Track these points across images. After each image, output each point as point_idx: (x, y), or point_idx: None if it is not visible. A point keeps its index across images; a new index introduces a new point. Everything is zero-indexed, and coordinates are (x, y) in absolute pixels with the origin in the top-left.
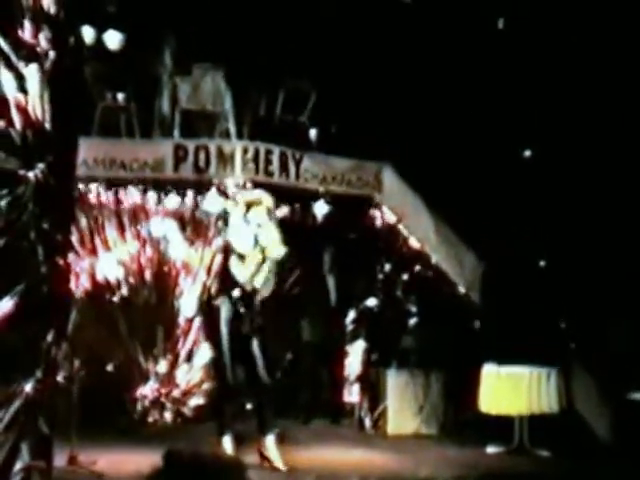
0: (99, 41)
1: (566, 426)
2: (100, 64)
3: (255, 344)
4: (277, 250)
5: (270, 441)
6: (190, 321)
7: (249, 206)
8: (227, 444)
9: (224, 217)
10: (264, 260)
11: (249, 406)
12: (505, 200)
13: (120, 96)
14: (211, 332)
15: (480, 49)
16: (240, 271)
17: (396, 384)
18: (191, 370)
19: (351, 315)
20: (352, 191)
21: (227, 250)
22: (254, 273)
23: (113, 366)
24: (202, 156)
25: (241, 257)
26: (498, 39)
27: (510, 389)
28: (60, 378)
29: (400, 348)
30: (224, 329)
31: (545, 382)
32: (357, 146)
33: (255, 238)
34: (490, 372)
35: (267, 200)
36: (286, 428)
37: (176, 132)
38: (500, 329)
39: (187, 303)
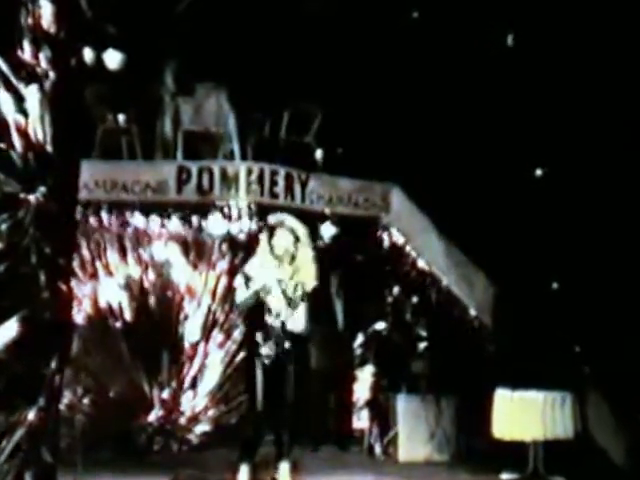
0: (100, 62)
1: (581, 451)
2: (101, 85)
3: (288, 367)
4: (309, 279)
5: (285, 469)
6: (195, 346)
7: (271, 229)
8: (244, 474)
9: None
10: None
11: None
12: (517, 220)
13: (121, 118)
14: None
15: (490, 66)
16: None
17: (407, 409)
18: (196, 396)
19: (359, 339)
20: (359, 212)
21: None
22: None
23: (116, 393)
24: (205, 178)
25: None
26: (508, 56)
27: (524, 414)
28: (63, 406)
29: (410, 373)
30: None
31: (560, 407)
32: (364, 167)
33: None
34: (503, 397)
35: (291, 222)
36: (294, 456)
37: (179, 154)
38: (513, 353)
39: (191, 328)
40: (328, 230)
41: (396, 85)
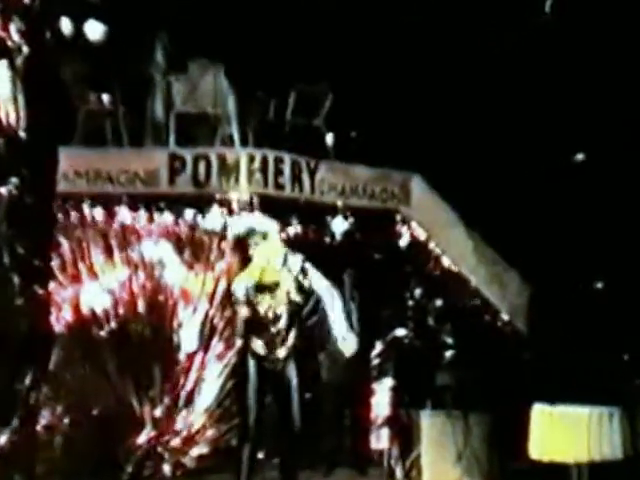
0: (80, 34)
1: (632, 474)
2: (82, 61)
3: (291, 376)
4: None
5: None
6: (191, 357)
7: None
8: None
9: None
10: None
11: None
12: (555, 211)
13: (106, 98)
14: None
15: (524, 43)
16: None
17: (431, 428)
18: (193, 414)
19: (377, 348)
20: (376, 205)
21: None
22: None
23: (101, 411)
24: (202, 167)
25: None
26: (544, 34)
27: (565, 432)
28: (40, 427)
29: (435, 386)
30: (251, 357)
31: (607, 424)
32: (381, 153)
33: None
34: (542, 413)
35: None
36: None
37: (171, 139)
38: (552, 362)
39: (187, 336)
40: (340, 225)
41: (416, 61)
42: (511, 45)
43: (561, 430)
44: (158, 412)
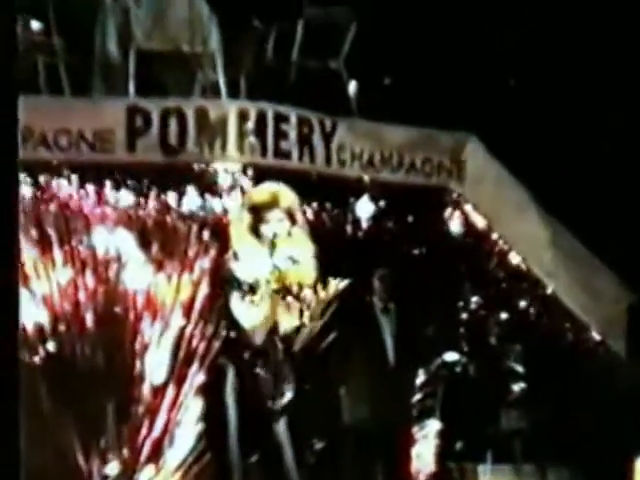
0: None
1: None
2: None
3: (281, 427)
4: (307, 275)
5: None
6: (160, 392)
7: (258, 210)
8: None
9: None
10: (285, 293)
11: None
12: None
13: (36, 25)
14: (209, 411)
15: None
16: (247, 314)
17: None
18: (161, 473)
19: (419, 378)
20: (416, 180)
21: (226, 281)
22: (269, 315)
23: (33, 468)
24: (173, 126)
25: (250, 291)
26: None
27: None
28: None
29: (499, 430)
30: (230, 406)
31: None
32: (423, 108)
33: (271, 260)
34: None
35: (286, 198)
36: None
37: (131, 88)
38: None
39: (155, 363)
40: (367, 208)
41: None
42: None
43: None
44: (112, 470)
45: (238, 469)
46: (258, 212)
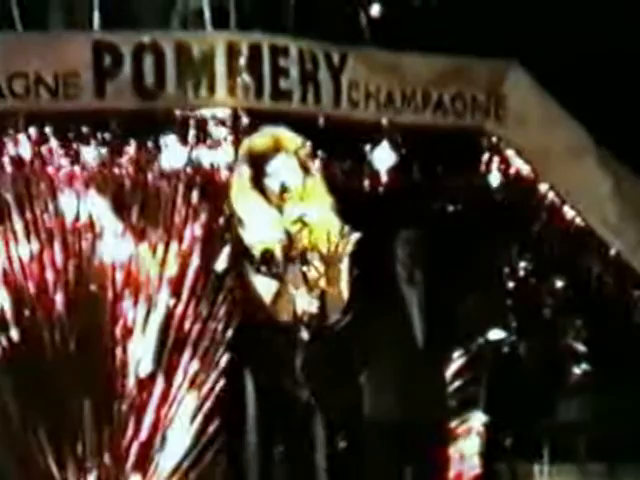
0: None
1: None
2: None
3: (316, 417)
4: (327, 235)
5: None
6: (147, 385)
7: (258, 160)
8: None
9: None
10: (305, 252)
11: None
12: None
13: None
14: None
15: None
16: (265, 288)
17: None
18: None
19: (457, 363)
20: (445, 121)
21: (238, 251)
22: (287, 288)
23: None
24: (149, 64)
25: (263, 262)
26: None
27: None
28: None
29: (557, 424)
30: (250, 396)
31: None
32: (453, 33)
33: (281, 220)
34: None
35: (293, 141)
36: None
37: (96, 19)
38: None
39: (140, 350)
40: (386, 157)
41: None
42: None
43: None
44: None
45: (256, 466)
46: (259, 162)
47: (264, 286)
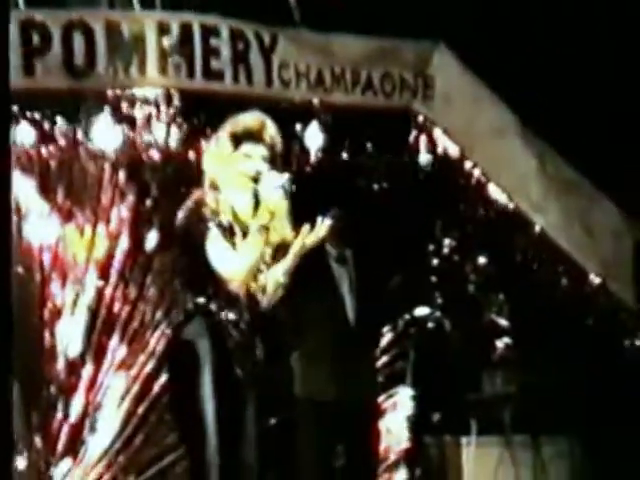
0: None
1: None
2: None
3: (248, 394)
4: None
5: None
6: (75, 367)
7: (241, 141)
8: None
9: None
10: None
11: None
12: None
13: None
14: (178, 400)
15: None
16: (230, 261)
17: (477, 465)
18: (79, 467)
19: (385, 338)
20: (374, 101)
21: (200, 221)
22: (257, 261)
23: None
24: (79, 43)
25: (228, 233)
26: None
27: None
28: None
29: (483, 397)
30: (207, 388)
31: None
32: (381, 14)
33: (255, 196)
34: None
35: (276, 136)
36: None
37: None
38: None
39: (69, 333)
40: (316, 136)
41: None
42: None
43: None
44: (20, 464)
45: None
46: (241, 143)
47: (224, 257)
